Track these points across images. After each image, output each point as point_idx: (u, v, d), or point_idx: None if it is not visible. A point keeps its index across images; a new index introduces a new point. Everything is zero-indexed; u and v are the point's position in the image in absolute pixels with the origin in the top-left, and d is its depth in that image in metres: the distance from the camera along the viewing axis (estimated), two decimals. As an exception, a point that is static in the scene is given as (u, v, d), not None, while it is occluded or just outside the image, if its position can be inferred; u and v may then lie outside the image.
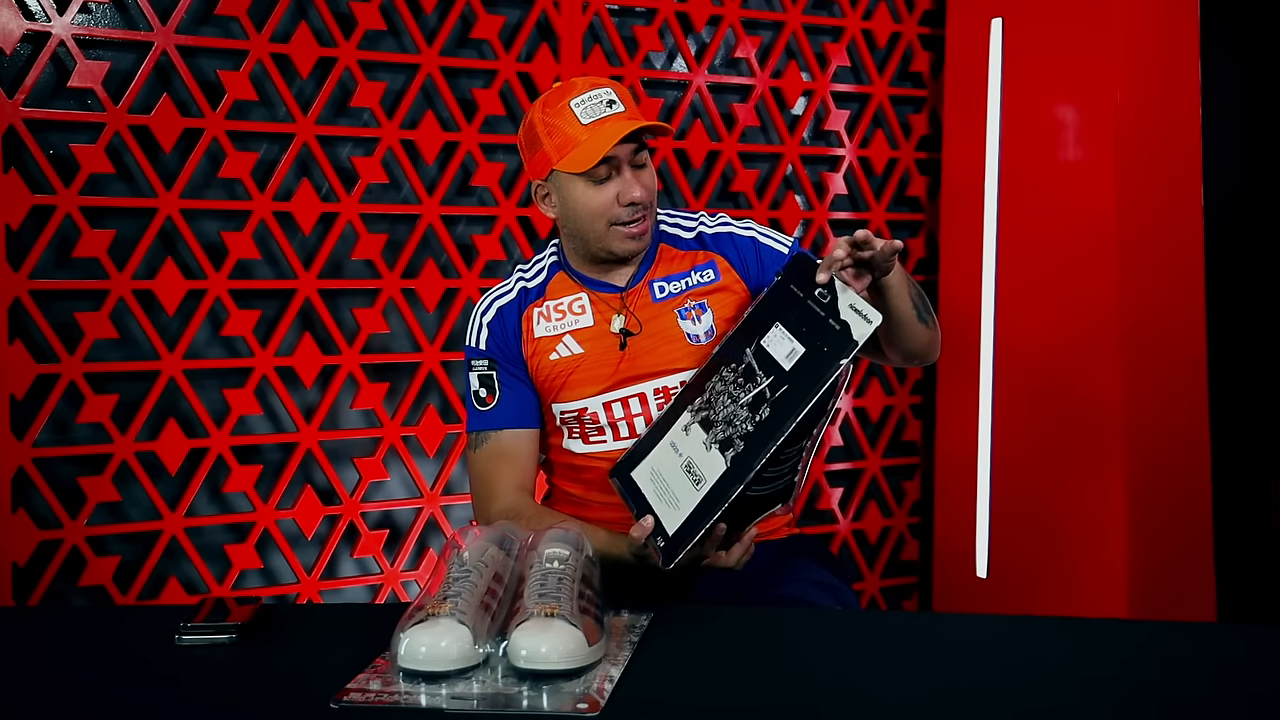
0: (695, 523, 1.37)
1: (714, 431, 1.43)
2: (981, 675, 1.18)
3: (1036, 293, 2.72)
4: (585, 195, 1.62)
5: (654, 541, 1.41)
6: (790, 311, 1.45)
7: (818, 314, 1.41)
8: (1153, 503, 2.59)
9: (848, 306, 1.38)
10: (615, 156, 1.59)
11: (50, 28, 2.26)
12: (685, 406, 1.51)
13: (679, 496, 1.42)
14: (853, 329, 1.36)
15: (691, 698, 1.13)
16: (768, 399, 1.39)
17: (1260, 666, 1.20)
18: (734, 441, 1.39)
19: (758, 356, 1.45)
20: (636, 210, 1.62)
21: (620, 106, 1.60)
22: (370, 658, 1.20)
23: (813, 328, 1.41)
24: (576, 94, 1.60)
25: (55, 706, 1.12)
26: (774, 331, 1.45)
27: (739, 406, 1.42)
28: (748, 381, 1.44)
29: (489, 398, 1.69)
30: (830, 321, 1.39)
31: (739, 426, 1.40)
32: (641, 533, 1.41)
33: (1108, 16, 2.60)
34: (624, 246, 1.64)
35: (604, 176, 1.60)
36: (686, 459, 1.45)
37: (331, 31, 2.47)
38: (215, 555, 2.45)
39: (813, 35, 2.95)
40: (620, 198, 1.61)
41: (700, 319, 1.67)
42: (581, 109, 1.59)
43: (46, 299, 2.29)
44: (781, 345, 1.43)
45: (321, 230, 2.51)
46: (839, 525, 3.01)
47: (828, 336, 1.38)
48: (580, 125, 1.58)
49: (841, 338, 1.36)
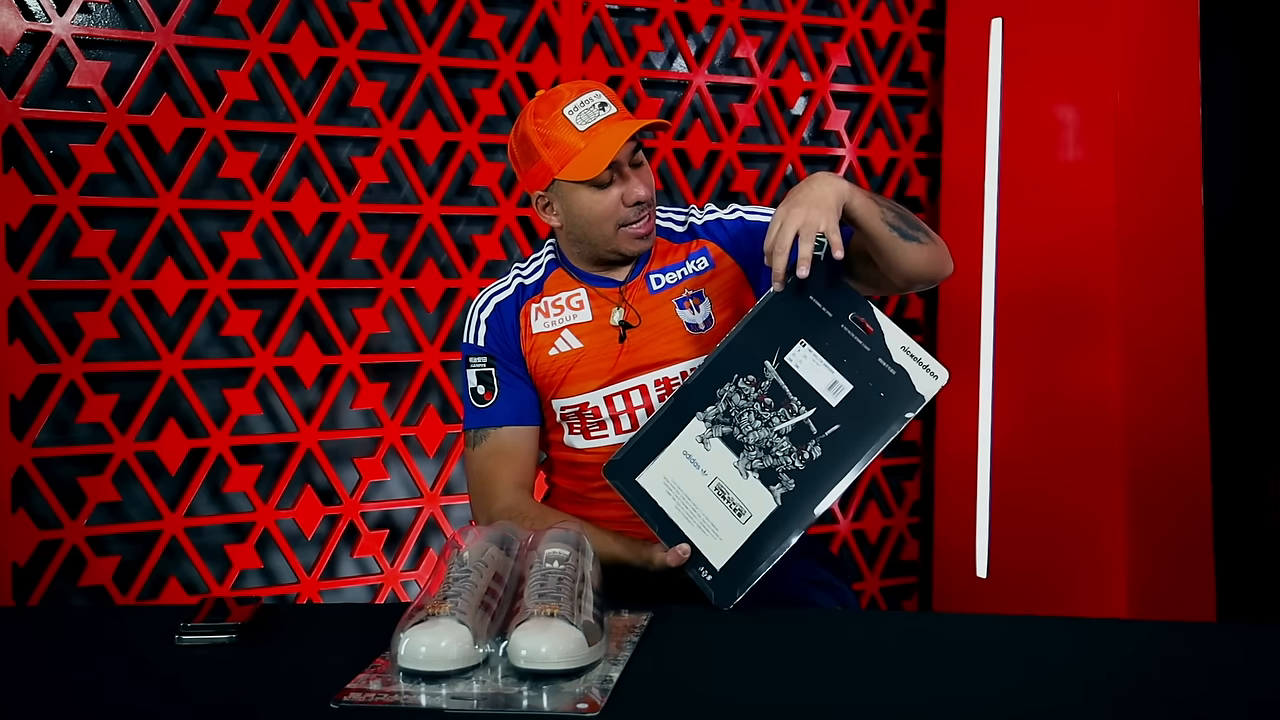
0: (751, 562, 1.38)
1: (747, 456, 1.42)
2: (981, 676, 1.18)
3: (1036, 293, 2.72)
4: (590, 200, 1.61)
5: (698, 574, 1.41)
6: (819, 331, 1.43)
7: (860, 347, 1.39)
8: (1153, 502, 2.59)
9: (900, 349, 1.37)
10: (616, 159, 1.59)
11: (50, 28, 2.26)
12: (694, 413, 1.47)
13: (716, 525, 1.41)
14: (914, 380, 1.36)
15: (691, 698, 1.13)
16: (815, 435, 1.39)
17: (1260, 667, 1.20)
18: (779, 476, 1.39)
19: (784, 375, 1.43)
20: (642, 209, 1.63)
21: (612, 108, 1.60)
22: (370, 658, 1.20)
23: (858, 363, 1.39)
24: (567, 101, 1.59)
25: (55, 706, 1.12)
26: (801, 350, 1.43)
27: (774, 434, 1.41)
28: (779, 405, 1.42)
29: (487, 395, 1.69)
30: (881, 363, 1.37)
31: (782, 459, 1.40)
32: (678, 560, 1.42)
33: (1108, 16, 2.60)
34: (633, 246, 1.65)
35: (607, 181, 1.60)
36: (715, 481, 1.43)
37: (331, 31, 2.47)
38: (215, 555, 2.45)
39: (813, 35, 2.95)
40: (625, 199, 1.61)
41: (698, 308, 1.68)
42: (576, 116, 1.58)
43: (46, 299, 2.29)
44: (817, 372, 1.41)
45: (321, 230, 2.51)
46: (839, 525, 3.01)
47: (882, 381, 1.37)
48: (578, 133, 1.58)
49: (902, 387, 1.36)
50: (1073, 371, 2.65)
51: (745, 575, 1.38)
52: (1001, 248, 2.79)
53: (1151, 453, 2.60)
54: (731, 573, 1.39)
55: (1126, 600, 2.55)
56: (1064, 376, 2.67)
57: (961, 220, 2.89)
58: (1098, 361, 2.60)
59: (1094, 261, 2.61)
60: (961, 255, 2.87)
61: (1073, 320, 2.65)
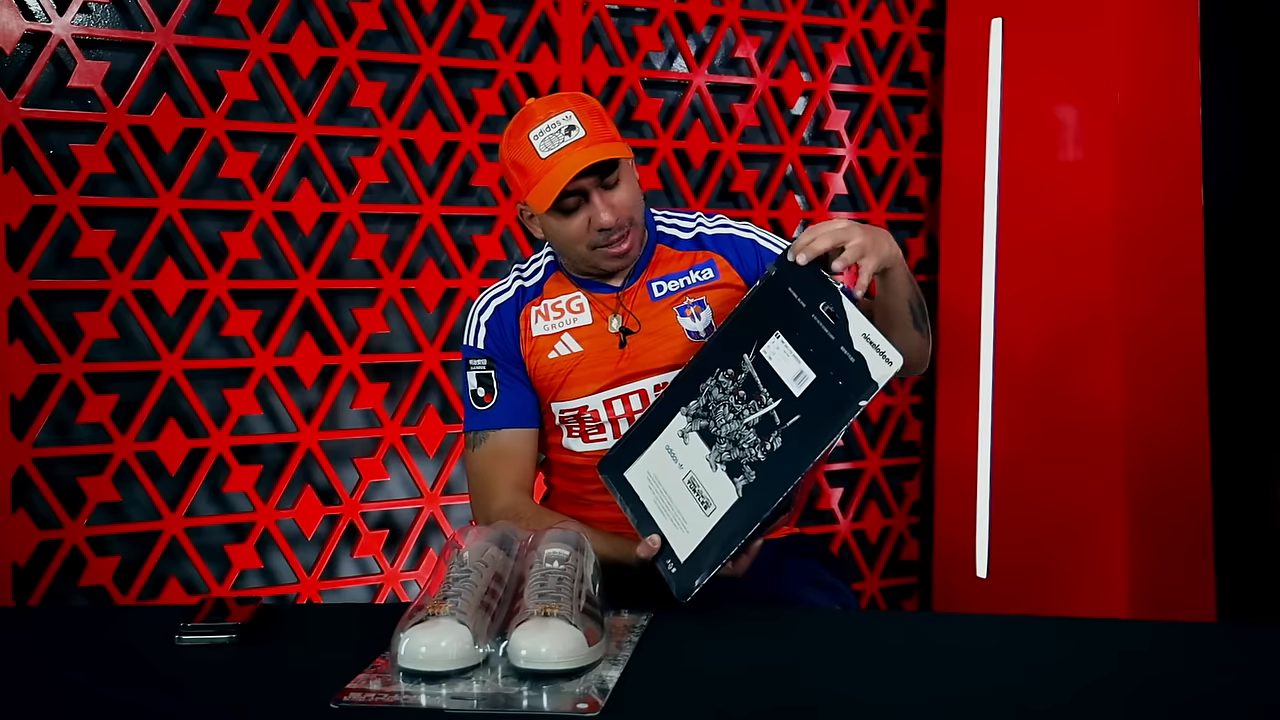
0: (708, 554, 1.36)
1: (718, 449, 1.41)
2: (981, 675, 1.18)
3: (1036, 293, 2.72)
4: (557, 225, 1.61)
5: (665, 566, 1.40)
6: (792, 323, 1.41)
7: (826, 336, 1.37)
8: (1153, 503, 2.59)
9: (861, 336, 1.34)
10: (582, 187, 1.56)
11: (50, 28, 2.26)
12: (678, 407, 1.47)
13: (685, 518, 1.40)
14: (870, 367, 1.32)
15: (691, 698, 1.13)
16: (777, 426, 1.37)
17: (1260, 667, 1.20)
18: (743, 468, 1.38)
19: (759, 368, 1.42)
20: (611, 234, 1.60)
21: (580, 132, 1.55)
22: (370, 658, 1.20)
23: (822, 352, 1.37)
24: (535, 125, 1.56)
25: (55, 706, 1.12)
26: (775, 342, 1.42)
27: (744, 425, 1.40)
28: (750, 397, 1.41)
29: (487, 397, 1.69)
30: (843, 351, 1.35)
31: (747, 451, 1.38)
32: (648, 552, 1.41)
33: (1108, 17, 2.60)
34: (609, 265, 1.64)
35: (573, 207, 1.58)
36: (689, 474, 1.42)
37: (331, 31, 2.47)
38: (215, 555, 2.45)
39: (813, 35, 2.95)
40: (590, 224, 1.59)
41: (699, 316, 1.67)
42: (540, 141, 1.55)
43: (46, 299, 2.29)
44: (786, 363, 1.40)
45: (321, 230, 2.51)
46: (839, 525, 3.01)
47: (841, 369, 1.34)
48: (539, 160, 1.55)
49: (858, 375, 1.33)
50: (1072, 371, 2.65)
51: (701, 567, 1.36)
52: (1001, 247, 2.79)
53: (1151, 452, 2.60)
54: (693, 564, 1.37)
55: (1126, 600, 2.55)
56: (1063, 376, 2.67)
57: (961, 220, 2.89)
58: (1097, 361, 2.60)
59: (1094, 261, 2.61)
60: (961, 255, 2.89)
61: (1072, 320, 2.65)
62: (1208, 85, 2.72)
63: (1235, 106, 3.06)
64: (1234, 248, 2.99)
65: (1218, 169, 2.83)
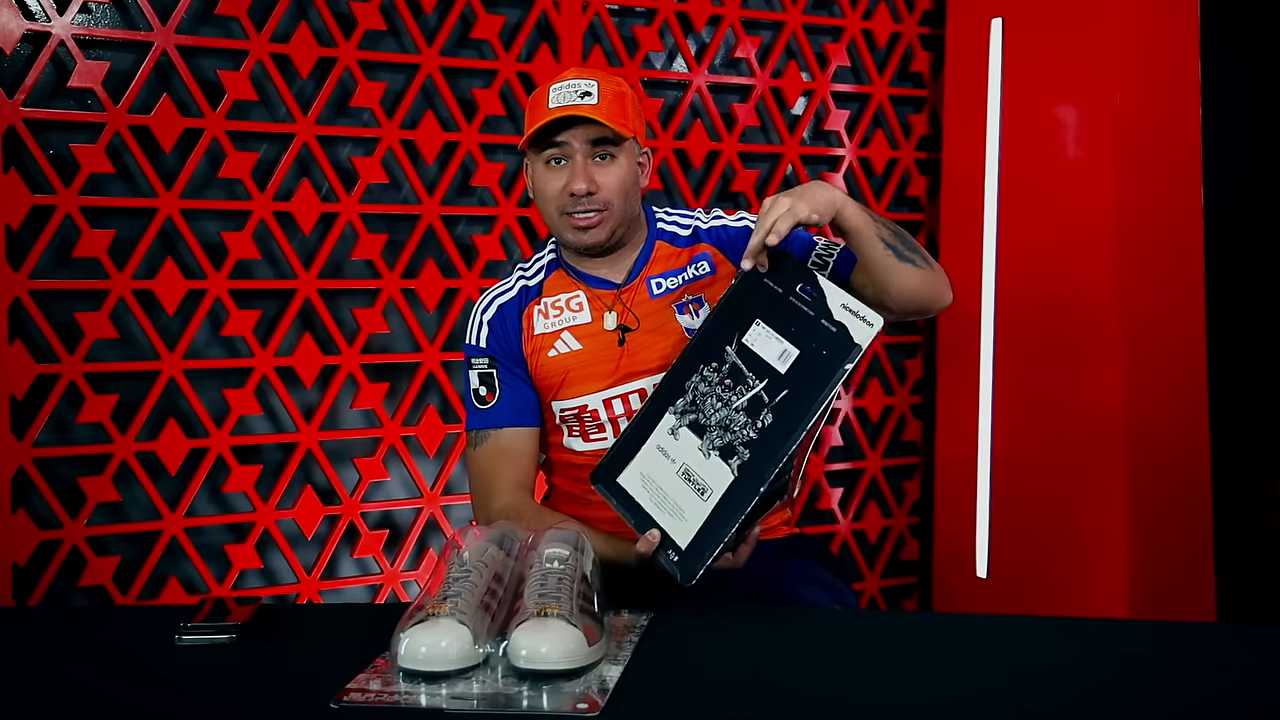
0: (710, 536, 1.36)
1: (709, 437, 1.41)
2: (982, 676, 1.18)
3: (1036, 293, 2.72)
4: (541, 177, 1.65)
5: (666, 556, 1.40)
6: (772, 308, 1.43)
7: (806, 313, 1.39)
8: (1153, 503, 2.59)
9: (840, 306, 1.37)
10: (569, 144, 1.60)
11: (50, 28, 2.26)
12: (666, 408, 1.47)
13: (683, 507, 1.40)
14: (852, 332, 1.34)
15: (691, 698, 1.13)
16: (767, 404, 1.38)
17: (1260, 667, 1.20)
18: (736, 449, 1.38)
19: (742, 355, 1.43)
20: (580, 202, 1.61)
21: (594, 99, 1.59)
22: (370, 658, 1.20)
23: (803, 328, 1.39)
24: (563, 80, 1.62)
25: (55, 706, 1.12)
26: (756, 329, 1.43)
27: (733, 411, 1.40)
28: (737, 383, 1.42)
29: (489, 396, 1.69)
30: (823, 323, 1.37)
31: (739, 433, 1.39)
32: (648, 546, 1.41)
33: (1108, 17, 2.60)
34: (573, 237, 1.65)
35: (557, 159, 1.62)
36: (682, 465, 1.43)
37: (331, 31, 2.47)
38: (215, 555, 2.45)
39: (813, 35, 2.95)
40: (566, 187, 1.61)
41: (698, 313, 1.68)
42: (556, 93, 1.60)
43: (46, 299, 2.29)
44: (769, 345, 1.41)
45: (321, 230, 2.51)
46: (839, 525, 3.01)
47: (824, 340, 1.36)
48: (545, 108, 1.60)
49: (841, 341, 1.35)
50: (1072, 371, 2.65)
51: (705, 549, 1.36)
52: (1001, 247, 2.79)
53: (1151, 452, 2.60)
54: (695, 549, 1.37)
55: (1127, 600, 2.55)
56: (1064, 376, 2.67)
57: (961, 220, 2.89)
58: (1097, 361, 2.60)
59: (1094, 261, 2.61)
60: (961, 255, 2.88)
61: (1072, 320, 2.65)
62: (1208, 85, 2.72)
63: (1235, 106, 3.06)
64: (1234, 248, 2.99)
65: (1218, 169, 2.83)
